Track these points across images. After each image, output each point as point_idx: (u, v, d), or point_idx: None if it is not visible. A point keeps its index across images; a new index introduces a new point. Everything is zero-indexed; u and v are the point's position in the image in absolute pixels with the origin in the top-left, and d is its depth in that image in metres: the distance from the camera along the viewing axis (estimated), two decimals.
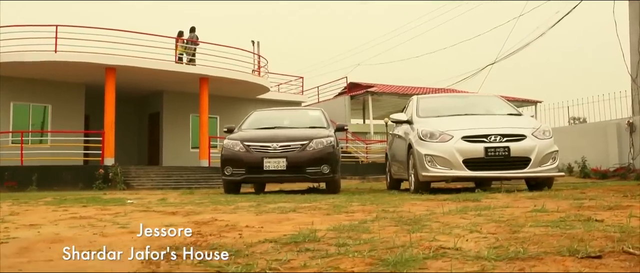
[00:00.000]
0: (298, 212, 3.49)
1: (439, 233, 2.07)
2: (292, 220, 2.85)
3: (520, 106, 26.20)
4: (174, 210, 3.83)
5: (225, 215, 3.29)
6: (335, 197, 5.84)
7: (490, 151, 6.38)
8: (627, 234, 1.81)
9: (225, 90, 20.47)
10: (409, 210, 3.46)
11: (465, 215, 2.89)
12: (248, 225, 2.57)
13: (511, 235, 1.95)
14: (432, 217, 2.81)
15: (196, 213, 3.56)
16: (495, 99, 8.24)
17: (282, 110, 10.30)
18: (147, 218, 3.23)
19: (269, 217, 3.00)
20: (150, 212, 3.75)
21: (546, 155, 6.55)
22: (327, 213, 3.35)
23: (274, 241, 1.96)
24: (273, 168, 7.75)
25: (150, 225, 2.29)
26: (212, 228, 2.49)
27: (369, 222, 2.60)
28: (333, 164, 7.95)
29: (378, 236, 1.99)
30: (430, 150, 6.63)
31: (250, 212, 3.50)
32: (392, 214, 3.15)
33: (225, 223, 2.71)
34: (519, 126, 6.78)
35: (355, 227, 2.28)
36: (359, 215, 3.13)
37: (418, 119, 7.43)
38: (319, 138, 8.01)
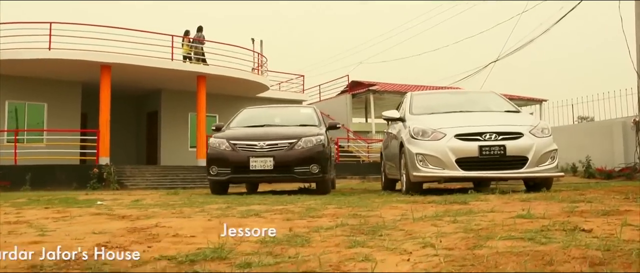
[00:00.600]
0: (260, 217, 3.17)
1: (385, 249, 1.75)
2: (244, 226, 2.53)
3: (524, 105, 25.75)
4: (126, 214, 3.52)
5: (175, 220, 2.97)
6: (319, 199, 5.50)
7: (485, 150, 6.02)
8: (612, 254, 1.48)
9: (224, 89, 20.19)
10: (381, 215, 3.13)
11: (438, 222, 2.56)
12: (184, 233, 2.26)
13: (469, 251, 1.62)
14: (399, 224, 2.49)
15: (148, 217, 3.24)
16: (493, 95, 7.88)
17: (273, 107, 9.97)
18: (86, 223, 2.92)
19: (220, 224, 2.68)
20: (101, 216, 3.44)
21: (544, 154, 6.19)
22: (289, 218, 3.02)
23: (173, 258, 1.65)
24: (260, 167, 7.43)
25: (75, 233, 1.97)
26: (135, 237, 2.18)
27: (322, 231, 2.28)
28: (323, 164, 7.62)
29: (310, 251, 1.68)
30: (421, 149, 6.28)
31: (207, 217, 3.18)
32: (359, 220, 2.82)
33: (162, 230, 2.40)
34: (516, 123, 6.42)
35: (295, 238, 1.97)
36: (321, 222, 2.80)
37: (411, 116, 7.08)
38: (308, 137, 7.68)
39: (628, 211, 2.77)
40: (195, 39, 18.91)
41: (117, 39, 16.57)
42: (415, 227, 2.33)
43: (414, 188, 6.50)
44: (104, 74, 16.62)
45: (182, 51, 18.61)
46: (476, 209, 3.31)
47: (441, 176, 6.17)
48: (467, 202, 4.14)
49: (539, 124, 6.46)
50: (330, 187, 8.05)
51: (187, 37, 18.81)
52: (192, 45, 18.80)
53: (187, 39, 18.77)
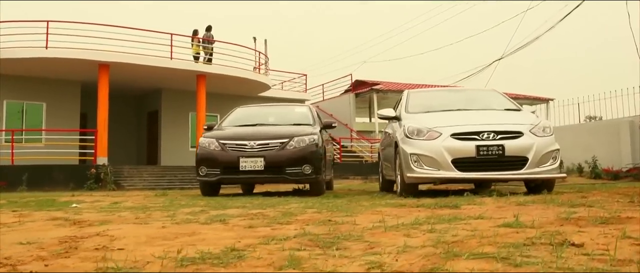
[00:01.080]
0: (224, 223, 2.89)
1: (321, 271, 1.46)
2: (195, 235, 2.26)
3: (531, 104, 25.32)
4: (84, 219, 3.25)
5: (128, 227, 2.69)
6: (305, 201, 5.22)
7: (483, 150, 5.72)
8: None
9: (225, 88, 19.96)
10: (357, 221, 2.84)
11: (412, 232, 2.27)
12: (115, 245, 1.99)
13: None
14: (367, 234, 2.20)
15: (103, 223, 2.98)
16: (494, 93, 7.56)
17: (267, 106, 9.69)
18: (29, 231, 2.65)
19: (172, 232, 2.41)
20: (55, 222, 3.17)
21: (546, 154, 5.88)
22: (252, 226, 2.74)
23: None
24: (250, 168, 7.16)
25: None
26: (54, 250, 1.91)
27: (273, 243, 2.00)
28: (316, 164, 7.34)
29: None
30: (416, 148, 5.98)
31: (165, 224, 2.90)
32: (329, 228, 2.53)
33: (95, 241, 2.13)
34: (516, 122, 6.11)
35: (230, 253, 1.69)
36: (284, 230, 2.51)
37: (406, 115, 6.79)
38: (301, 136, 7.40)
39: (630, 218, 2.47)
40: (205, 38, 18.87)
41: (115, 37, 16.38)
42: (383, 238, 2.05)
43: (409, 190, 6.21)
44: (102, 73, 16.42)
45: (191, 51, 18.59)
46: (463, 215, 3.02)
47: (436, 177, 5.87)
48: (458, 206, 3.85)
49: (539, 122, 6.14)
50: (324, 188, 7.76)
51: (196, 37, 18.73)
52: (201, 45, 18.75)
53: (196, 38, 18.69)
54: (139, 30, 16.83)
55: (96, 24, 16.26)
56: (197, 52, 18.71)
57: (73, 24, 16.15)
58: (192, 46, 18.63)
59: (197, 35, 18.85)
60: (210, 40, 18.97)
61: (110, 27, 16.45)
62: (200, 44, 18.72)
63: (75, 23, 16.16)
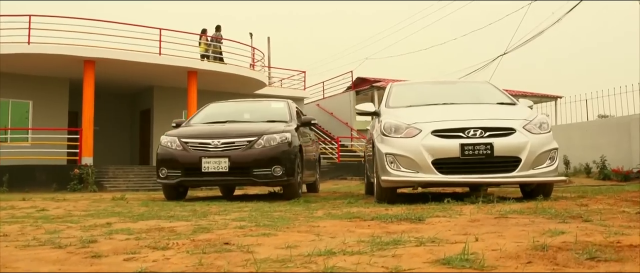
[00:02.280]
0: (87, 246, 2.17)
1: None
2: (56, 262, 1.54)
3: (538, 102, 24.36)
4: None
5: None
6: (259, 209, 4.47)
7: (468, 149, 4.94)
8: None
9: (218, 86, 19.30)
10: (264, 245, 2.11)
11: (310, 266, 1.53)
12: None
13: None
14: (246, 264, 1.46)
15: None
16: (486, 86, 6.78)
17: (242, 102, 8.95)
18: None
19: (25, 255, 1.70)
20: None
21: (542, 154, 5.09)
22: (97, 255, 2.00)
23: None
24: (213, 169, 6.43)
25: None
26: None
27: None
28: (288, 165, 6.60)
29: None
30: (392, 148, 5.22)
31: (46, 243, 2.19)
32: (211, 258, 1.80)
33: None
34: (507, 117, 5.33)
35: None
36: (135, 263, 1.78)
37: (386, 110, 6.03)
38: (271, 134, 6.66)
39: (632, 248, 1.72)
40: (214, 37, 18.59)
41: (102, 33, 15.74)
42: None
43: (386, 196, 5.45)
44: (88, 70, 15.77)
45: (200, 50, 18.29)
46: (413, 237, 2.27)
47: (414, 181, 5.10)
48: (423, 220, 3.10)
49: (535, 117, 5.35)
50: (299, 191, 7.02)
51: (204, 36, 18.46)
52: (209, 44, 18.47)
53: (205, 36, 18.43)
54: (126, 25, 16.17)
55: (81, 19, 15.62)
56: (205, 50, 18.46)
57: (58, 18, 15.54)
58: (200, 45, 18.37)
59: (205, 34, 18.59)
60: (219, 39, 18.70)
61: (97, 22, 15.81)
62: (209, 42, 18.45)
63: (59, 17, 15.54)
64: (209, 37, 18.69)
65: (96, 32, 15.64)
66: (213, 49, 18.54)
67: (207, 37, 18.63)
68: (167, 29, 16.73)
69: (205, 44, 18.46)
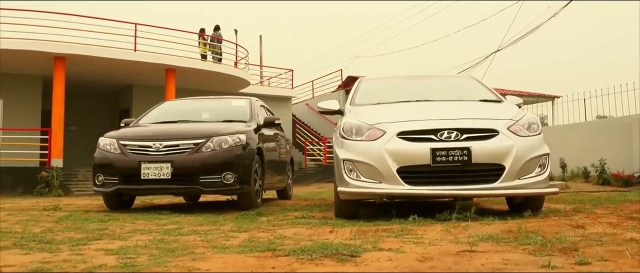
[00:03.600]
0: None
1: None
2: None
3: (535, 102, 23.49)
4: None
5: None
6: (167, 232, 3.61)
7: (440, 155, 4.09)
8: None
9: (200, 84, 18.46)
10: None
11: None
12: None
13: None
14: None
15: None
16: (469, 80, 5.93)
17: (201, 100, 8.06)
18: None
19: None
20: None
21: (530, 160, 4.24)
22: None
23: None
24: (154, 176, 5.58)
25: None
26: None
27: None
28: (241, 171, 5.75)
29: None
30: (351, 153, 4.37)
31: None
32: None
33: None
34: (489, 117, 4.48)
35: None
36: None
37: (351, 108, 5.17)
38: (222, 136, 5.81)
39: None
40: (213, 37, 18.12)
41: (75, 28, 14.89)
42: None
43: (345, 210, 4.60)
44: (58, 66, 14.91)
45: (199, 50, 17.79)
46: None
47: (376, 193, 4.24)
48: (357, 255, 2.26)
49: (523, 117, 4.50)
50: (256, 199, 6.16)
51: (202, 35, 17.92)
52: (208, 44, 17.99)
53: (202, 35, 17.89)
54: (100, 19, 15.29)
55: (52, 13, 14.76)
56: (204, 51, 17.91)
57: (28, 13, 14.66)
58: (199, 45, 17.82)
59: (204, 33, 18.04)
60: (219, 39, 18.17)
61: (69, 17, 14.94)
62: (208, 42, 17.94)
63: (29, 11, 14.66)
64: (207, 36, 18.13)
65: (68, 28, 14.80)
66: (212, 50, 18.03)
67: (205, 36, 18.06)
68: (143, 24, 15.87)
69: (203, 44, 17.88)
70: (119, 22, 15.59)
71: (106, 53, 15.05)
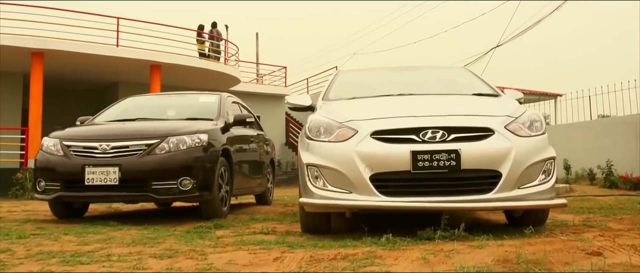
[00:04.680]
0: None
1: None
2: None
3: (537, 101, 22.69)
4: None
5: None
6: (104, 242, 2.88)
7: (423, 159, 3.35)
8: None
9: (188, 81, 17.75)
10: None
11: None
12: None
13: None
14: None
15: None
16: (461, 71, 5.18)
17: (167, 95, 7.30)
18: None
19: None
20: None
21: (532, 166, 3.50)
22: None
23: None
24: (99, 182, 4.85)
25: None
26: None
27: None
28: (200, 175, 5.02)
29: None
30: (317, 156, 3.63)
31: None
32: None
33: None
34: (483, 113, 3.74)
35: None
36: None
37: (323, 103, 4.42)
38: (180, 136, 5.08)
39: None
40: (211, 34, 17.62)
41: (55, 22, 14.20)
42: None
43: (313, 225, 3.87)
44: (35, 62, 14.21)
45: (197, 48, 17.28)
46: None
47: (344, 205, 3.49)
48: None
49: (523, 113, 3.76)
50: (221, 208, 5.42)
51: (203, 32, 17.46)
52: (205, 41, 17.49)
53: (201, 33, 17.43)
54: (81, 13, 14.57)
55: (28, 5, 14.04)
56: (202, 49, 17.38)
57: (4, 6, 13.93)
58: (197, 42, 17.30)
59: (203, 31, 17.54)
60: (217, 37, 17.69)
61: (47, 10, 14.23)
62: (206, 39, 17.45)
63: (3, 3, 13.93)
64: (205, 34, 17.60)
65: (47, 22, 14.11)
66: (211, 48, 17.53)
67: (204, 34, 17.53)
68: (125, 18, 15.13)
69: (201, 42, 17.35)
70: (100, 16, 14.86)
71: (87, 49, 14.34)
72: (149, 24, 15.65)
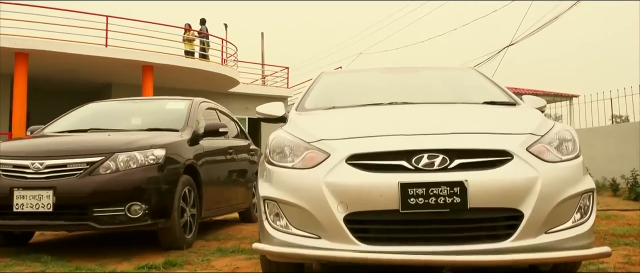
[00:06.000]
0: None
1: None
2: None
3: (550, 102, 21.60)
4: None
5: None
6: None
7: (416, 193, 2.46)
8: None
9: (185, 83, 17.03)
10: None
11: None
12: None
13: None
14: None
15: None
16: (471, 73, 4.25)
17: (132, 101, 6.36)
18: None
19: None
20: None
21: (564, 202, 2.61)
22: None
23: None
24: (30, 208, 4.01)
25: None
26: None
27: None
28: (154, 200, 4.18)
29: None
30: (276, 188, 2.75)
31: None
32: None
33: None
34: (498, 129, 2.83)
35: None
36: None
37: (294, 115, 3.52)
38: (130, 151, 4.22)
39: None
40: (200, 32, 16.79)
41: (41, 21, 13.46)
42: None
43: None
44: (19, 63, 13.47)
45: (185, 46, 16.54)
46: None
47: (309, 256, 2.59)
48: None
49: (551, 129, 2.85)
50: (183, 236, 4.55)
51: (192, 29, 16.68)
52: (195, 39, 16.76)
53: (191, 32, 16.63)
54: (68, 11, 13.82)
55: (11, 3, 13.29)
56: (191, 48, 16.61)
57: None
58: (184, 41, 16.52)
59: (191, 29, 16.69)
60: (206, 34, 16.84)
61: (32, 8, 13.48)
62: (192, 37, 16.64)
63: None
64: (195, 32, 16.78)
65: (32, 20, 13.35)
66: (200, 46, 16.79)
67: (193, 32, 16.71)
68: (115, 17, 14.35)
69: (189, 40, 16.53)
70: (88, 14, 14.12)
71: (73, 49, 13.59)
72: (141, 23, 14.88)
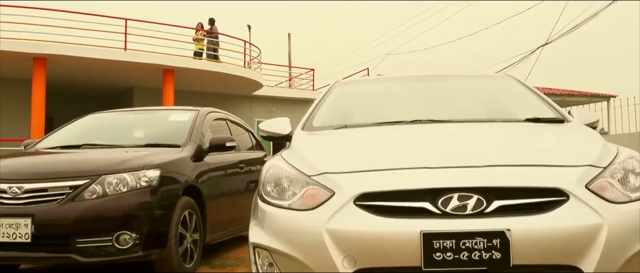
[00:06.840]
0: None
1: None
2: None
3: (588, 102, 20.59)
4: None
5: None
6: None
7: (444, 246, 1.91)
8: None
9: (207, 87, 16.76)
10: None
11: None
12: None
13: None
14: None
15: None
16: (509, 82, 3.61)
17: (134, 113, 5.79)
18: None
19: None
20: None
21: (635, 257, 1.99)
22: None
23: None
24: (6, 238, 3.59)
25: None
26: None
27: None
28: (146, 228, 3.71)
29: None
30: (268, 233, 2.23)
31: None
32: None
33: None
34: (547, 159, 2.23)
35: None
36: None
37: (299, 135, 2.98)
38: (119, 173, 3.75)
39: None
40: (209, 32, 16.42)
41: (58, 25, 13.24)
42: None
43: None
44: (37, 68, 13.31)
45: (194, 46, 16.26)
46: None
47: None
48: None
49: (614, 159, 2.24)
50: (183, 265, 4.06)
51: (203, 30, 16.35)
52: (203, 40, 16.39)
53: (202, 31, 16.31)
54: (85, 14, 13.58)
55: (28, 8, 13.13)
56: (200, 48, 16.32)
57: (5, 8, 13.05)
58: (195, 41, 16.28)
59: (202, 29, 16.40)
60: (215, 33, 16.47)
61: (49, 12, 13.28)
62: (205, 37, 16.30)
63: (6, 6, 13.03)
64: (205, 32, 16.41)
65: (50, 25, 13.16)
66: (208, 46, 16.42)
67: (204, 32, 16.35)
68: (133, 20, 14.05)
69: (198, 41, 16.19)
70: (105, 17, 13.85)
71: (91, 53, 13.34)
72: (160, 26, 14.58)
